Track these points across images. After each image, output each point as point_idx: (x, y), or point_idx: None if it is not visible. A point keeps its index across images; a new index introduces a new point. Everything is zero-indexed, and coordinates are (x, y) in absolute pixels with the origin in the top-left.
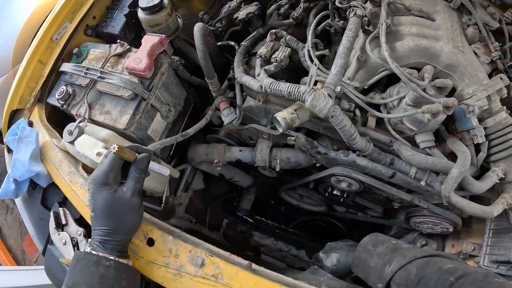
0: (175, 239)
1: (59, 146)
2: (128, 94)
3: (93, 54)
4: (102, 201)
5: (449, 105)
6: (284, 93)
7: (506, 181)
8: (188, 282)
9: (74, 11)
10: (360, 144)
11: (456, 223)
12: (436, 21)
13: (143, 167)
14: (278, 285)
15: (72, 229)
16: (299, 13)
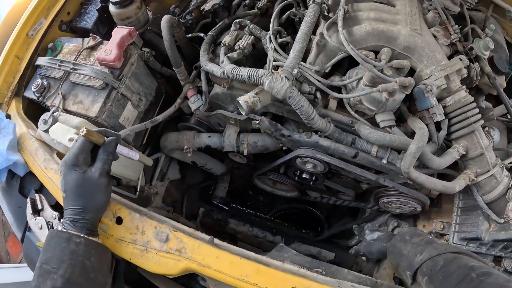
0: (142, 216)
1: (35, 136)
2: (99, 84)
3: (67, 48)
4: (72, 181)
5: (405, 84)
6: (244, 77)
7: (468, 158)
8: (154, 257)
9: (49, 7)
10: (320, 124)
11: (424, 202)
12: (396, 6)
13: (111, 150)
14: (239, 258)
15: (47, 213)
16: (263, 3)
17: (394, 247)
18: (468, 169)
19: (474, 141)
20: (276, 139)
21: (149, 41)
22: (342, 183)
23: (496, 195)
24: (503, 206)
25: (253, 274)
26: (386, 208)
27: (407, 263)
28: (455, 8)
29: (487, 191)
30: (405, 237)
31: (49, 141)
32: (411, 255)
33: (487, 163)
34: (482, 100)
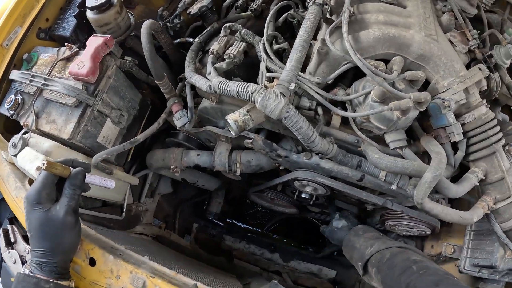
0: (116, 258)
1: (7, 159)
2: (72, 102)
3: (42, 59)
4: (36, 221)
5: (421, 100)
6: (233, 93)
7: (487, 182)
8: None
9: (25, 14)
10: (321, 147)
11: (434, 225)
12: (407, 8)
13: (78, 183)
14: None
15: (20, 247)
16: (258, 5)
17: (348, 241)
18: (487, 195)
19: (495, 164)
20: (272, 159)
21: (132, 48)
22: (344, 200)
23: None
24: None
25: None
26: (392, 230)
27: (359, 255)
28: (472, 10)
29: (506, 219)
30: (358, 232)
31: (20, 166)
32: (362, 248)
33: (507, 188)
34: (499, 112)
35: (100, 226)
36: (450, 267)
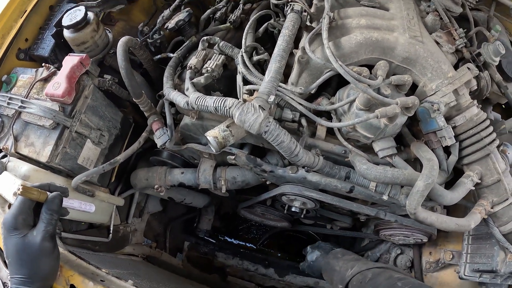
0: (96, 285)
1: None
2: (49, 124)
3: (21, 81)
4: (13, 247)
5: (408, 105)
6: (210, 109)
7: (483, 186)
8: None
9: (3, 35)
10: (306, 160)
11: (430, 233)
12: (390, 10)
13: (55, 208)
14: None
15: (3, 274)
16: (237, 16)
17: (327, 264)
18: (483, 198)
19: (490, 166)
20: (257, 174)
21: (111, 66)
22: (337, 211)
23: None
24: None
25: None
26: (387, 239)
27: (339, 277)
28: (457, 8)
29: (505, 222)
30: (337, 255)
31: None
32: (342, 270)
33: (504, 190)
34: (490, 111)
35: (85, 249)
36: (450, 273)
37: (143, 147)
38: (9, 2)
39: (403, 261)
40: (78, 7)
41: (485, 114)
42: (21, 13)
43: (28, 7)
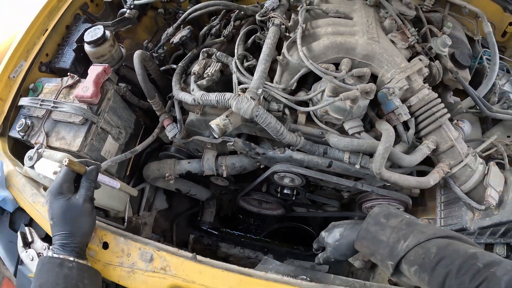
0: (126, 239)
1: (21, 173)
2: (79, 120)
3: (47, 88)
4: (58, 208)
5: (367, 90)
6: (213, 102)
7: (440, 152)
8: (140, 278)
9: (28, 50)
10: (290, 139)
11: (405, 201)
12: (354, 18)
13: (92, 178)
14: (221, 271)
15: (38, 245)
16: (229, 31)
17: (367, 232)
18: (441, 162)
19: (443, 135)
20: (253, 158)
21: (124, 76)
22: (325, 195)
23: (474, 183)
24: (482, 193)
25: (236, 286)
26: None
27: (387, 251)
28: (411, 12)
29: (464, 181)
30: (379, 219)
31: (35, 176)
32: (392, 241)
33: (459, 154)
34: (450, 96)
35: None
36: None
37: (151, 147)
38: (33, 21)
39: None
40: (97, 26)
41: (436, 94)
42: (43, 31)
43: (49, 26)
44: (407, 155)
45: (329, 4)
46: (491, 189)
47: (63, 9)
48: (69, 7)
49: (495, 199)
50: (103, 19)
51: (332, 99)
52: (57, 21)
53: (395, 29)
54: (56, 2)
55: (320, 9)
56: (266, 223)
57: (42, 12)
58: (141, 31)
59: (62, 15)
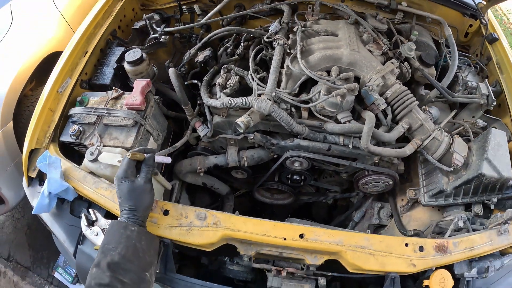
0: (183, 206)
1: (81, 168)
2: (130, 123)
3: (93, 100)
4: (125, 189)
5: (352, 88)
6: (238, 104)
7: (412, 130)
8: (197, 232)
9: (72, 69)
10: (298, 128)
11: (393, 175)
12: (339, 35)
13: (151, 163)
14: (259, 220)
15: (101, 222)
16: (241, 51)
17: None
18: (415, 138)
19: (414, 117)
20: (268, 149)
21: (156, 90)
22: (327, 182)
23: (442, 151)
24: (450, 159)
25: (271, 229)
26: (365, 190)
27: None
28: (383, 26)
29: (434, 151)
30: None
31: (94, 168)
32: None
33: (427, 130)
34: (422, 89)
35: None
36: (419, 209)
37: (178, 150)
38: (75, 44)
39: (385, 213)
40: (135, 49)
41: (405, 87)
42: (83, 53)
43: (89, 49)
44: (387, 134)
45: (319, 25)
46: (456, 154)
47: (99, 35)
48: (103, 33)
49: (461, 161)
50: (131, 43)
51: (327, 97)
52: (95, 45)
53: (372, 40)
54: (92, 29)
55: (313, 30)
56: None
57: (83, 37)
58: (162, 53)
59: (98, 40)
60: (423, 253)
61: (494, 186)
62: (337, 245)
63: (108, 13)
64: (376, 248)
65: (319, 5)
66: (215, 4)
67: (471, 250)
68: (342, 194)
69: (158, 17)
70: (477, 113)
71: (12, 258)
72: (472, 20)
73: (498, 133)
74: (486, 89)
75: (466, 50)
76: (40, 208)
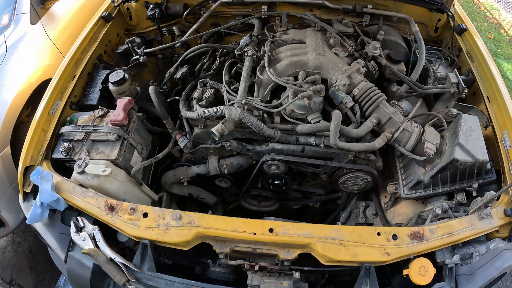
0: (161, 208)
1: (70, 180)
2: (114, 137)
3: (81, 119)
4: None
5: (318, 89)
6: (212, 114)
7: (382, 124)
8: (173, 232)
9: (62, 92)
10: (269, 132)
11: (371, 172)
12: (306, 42)
13: None
14: (230, 218)
15: (89, 228)
16: (216, 65)
17: None
18: (385, 131)
19: (382, 111)
20: (245, 155)
21: (140, 108)
22: (311, 185)
23: (413, 142)
24: (423, 148)
25: (241, 225)
26: (346, 189)
27: None
28: (349, 29)
29: (405, 142)
30: None
31: (83, 180)
32: None
33: (396, 122)
34: (394, 85)
35: None
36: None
37: (165, 163)
38: (64, 69)
39: (370, 211)
40: (118, 70)
41: (372, 84)
42: (72, 77)
43: (77, 73)
44: (354, 129)
45: (287, 35)
46: (428, 142)
47: (85, 60)
48: (90, 58)
49: (433, 149)
50: (116, 66)
51: (294, 99)
52: (82, 69)
53: (338, 44)
54: (79, 54)
55: (281, 40)
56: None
57: (71, 62)
58: (146, 74)
59: (85, 64)
60: (397, 241)
61: (472, 171)
62: (306, 238)
63: (93, 39)
64: (347, 238)
65: (286, 16)
66: (193, 24)
67: (450, 235)
68: (326, 196)
69: (139, 40)
70: (451, 103)
71: (15, 282)
72: (440, 14)
73: (469, 118)
74: (455, 78)
75: (438, 45)
76: (33, 218)
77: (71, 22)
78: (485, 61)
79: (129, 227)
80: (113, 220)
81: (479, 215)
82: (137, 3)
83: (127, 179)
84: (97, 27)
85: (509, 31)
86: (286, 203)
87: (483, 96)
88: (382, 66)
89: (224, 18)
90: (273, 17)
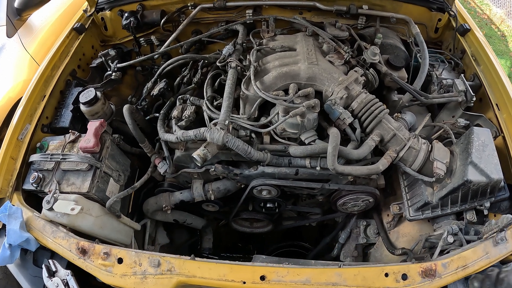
0: (137, 252)
1: (40, 217)
2: (85, 167)
3: (52, 145)
4: None
5: (311, 105)
6: (192, 137)
7: (385, 142)
8: (152, 281)
9: (31, 114)
10: (257, 156)
11: (373, 192)
12: (297, 49)
13: None
14: (215, 263)
15: (61, 273)
16: (198, 78)
17: None
18: (389, 150)
19: (385, 127)
20: (233, 179)
21: (117, 128)
22: (307, 205)
23: (421, 161)
24: (432, 168)
25: (228, 273)
26: (345, 210)
27: None
28: (344, 34)
29: (412, 161)
30: None
31: (52, 217)
32: None
33: (401, 139)
34: (394, 94)
35: None
36: (406, 224)
37: (147, 187)
38: (33, 89)
39: (372, 230)
40: (89, 89)
41: (373, 96)
42: (42, 98)
43: (47, 92)
44: (354, 150)
45: (275, 42)
46: (437, 161)
47: (56, 77)
48: (61, 74)
49: (443, 170)
50: (91, 82)
51: (284, 118)
52: (53, 88)
53: (333, 50)
54: (49, 71)
55: (268, 47)
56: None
57: (40, 80)
58: (124, 88)
59: (56, 82)
60: (407, 281)
61: (484, 190)
62: (304, 285)
63: (65, 54)
64: (351, 283)
65: (273, 20)
66: (172, 33)
67: (464, 268)
68: (324, 216)
69: (114, 52)
70: (457, 112)
71: None
72: (440, 14)
73: (482, 131)
74: (462, 85)
75: (439, 46)
76: (2, 260)
77: (51, 34)
78: (492, 64)
79: (103, 273)
80: (85, 265)
81: (494, 241)
82: (112, 12)
83: (103, 213)
84: (68, 40)
85: (500, 27)
86: (281, 224)
87: (492, 103)
88: (381, 73)
89: (205, 25)
90: (259, 22)
